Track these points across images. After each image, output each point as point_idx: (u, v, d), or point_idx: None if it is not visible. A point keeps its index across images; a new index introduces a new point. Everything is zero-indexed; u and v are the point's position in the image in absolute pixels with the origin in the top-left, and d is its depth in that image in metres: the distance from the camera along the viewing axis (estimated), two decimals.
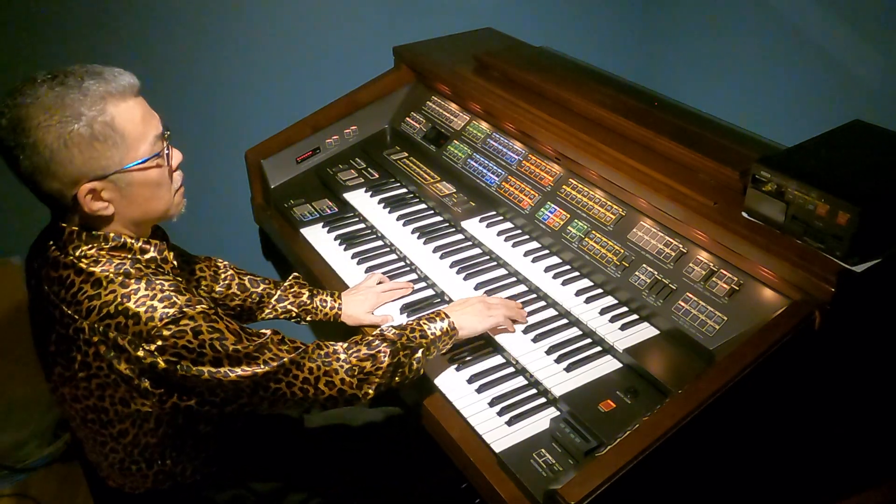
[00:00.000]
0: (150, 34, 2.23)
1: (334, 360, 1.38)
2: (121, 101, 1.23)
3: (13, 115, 1.17)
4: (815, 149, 1.57)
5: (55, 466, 2.37)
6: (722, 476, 1.50)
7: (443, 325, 1.53)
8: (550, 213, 1.88)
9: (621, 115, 1.92)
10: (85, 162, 1.20)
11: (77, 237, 1.27)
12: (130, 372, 1.23)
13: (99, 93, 1.21)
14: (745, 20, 2.64)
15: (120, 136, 1.22)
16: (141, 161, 1.26)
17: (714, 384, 1.30)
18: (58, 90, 1.18)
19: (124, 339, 1.21)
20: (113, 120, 1.21)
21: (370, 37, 2.53)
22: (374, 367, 1.41)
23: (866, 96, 2.33)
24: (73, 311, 1.23)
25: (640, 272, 1.65)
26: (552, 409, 1.51)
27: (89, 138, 1.19)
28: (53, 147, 1.17)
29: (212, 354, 1.23)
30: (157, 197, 1.32)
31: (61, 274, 1.26)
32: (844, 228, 1.38)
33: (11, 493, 2.30)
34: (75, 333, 1.24)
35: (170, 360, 1.22)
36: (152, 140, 1.28)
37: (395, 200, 2.15)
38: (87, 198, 1.23)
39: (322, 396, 1.37)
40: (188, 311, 1.23)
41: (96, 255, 1.26)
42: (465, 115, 2.23)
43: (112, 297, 1.22)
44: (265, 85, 2.45)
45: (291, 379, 1.33)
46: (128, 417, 1.30)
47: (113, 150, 1.22)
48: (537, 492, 1.31)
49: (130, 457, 1.36)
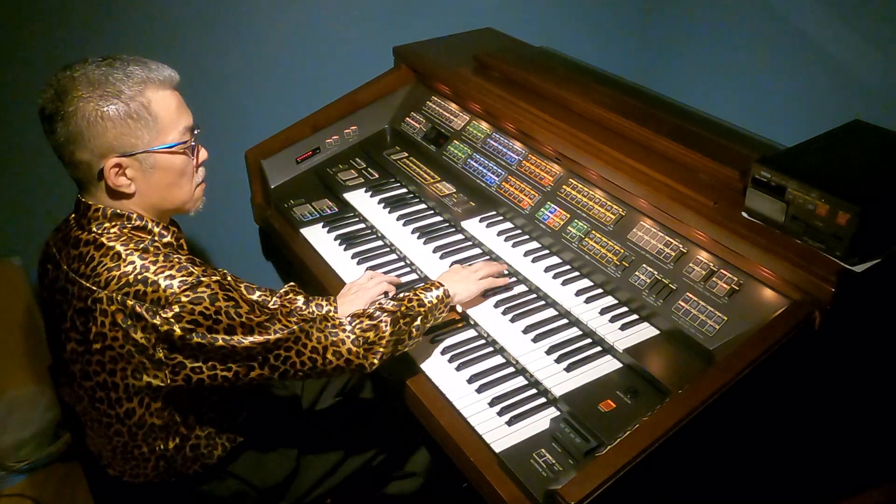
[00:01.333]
0: (151, 34, 2.23)
1: (340, 331, 1.44)
2: (159, 89, 1.32)
3: (59, 86, 1.27)
4: (815, 149, 1.57)
5: (55, 466, 2.37)
6: (722, 476, 1.50)
7: (437, 292, 1.60)
8: (550, 213, 1.88)
9: (621, 115, 1.92)
10: (116, 136, 1.28)
11: (102, 214, 1.33)
12: (146, 341, 1.26)
13: (140, 77, 1.30)
14: (745, 20, 2.64)
15: (153, 119, 1.30)
16: (168, 146, 1.33)
17: (714, 384, 1.30)
18: (104, 69, 1.28)
19: (142, 307, 1.25)
20: (149, 103, 1.30)
21: (370, 37, 2.53)
22: (378, 337, 1.47)
23: (866, 96, 2.33)
24: (92, 283, 1.28)
25: (640, 272, 1.65)
26: (552, 409, 1.51)
27: (124, 115, 1.27)
28: (90, 117, 1.25)
29: (226, 322, 1.28)
30: (178, 185, 1.38)
31: (81, 251, 1.32)
32: (844, 228, 1.38)
33: (11, 493, 2.30)
34: (93, 304, 1.28)
35: (186, 326, 1.26)
36: (182, 130, 1.36)
37: (395, 200, 2.15)
38: (113, 171, 1.29)
39: (330, 366, 1.42)
40: (205, 280, 1.28)
41: (118, 233, 1.32)
42: (465, 115, 2.23)
43: (131, 268, 1.27)
44: (265, 85, 2.45)
45: (300, 347, 1.38)
46: (136, 394, 1.33)
47: (144, 131, 1.30)
48: (537, 492, 1.31)
49: (134, 440, 1.38)
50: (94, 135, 1.27)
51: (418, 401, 1.58)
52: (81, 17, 2.14)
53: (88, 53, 1.37)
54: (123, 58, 1.32)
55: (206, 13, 2.28)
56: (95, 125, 1.26)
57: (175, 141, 1.34)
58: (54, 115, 1.26)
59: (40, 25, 2.10)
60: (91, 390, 1.35)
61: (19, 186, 2.27)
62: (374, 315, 1.49)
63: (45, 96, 1.28)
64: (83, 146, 1.28)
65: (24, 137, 2.21)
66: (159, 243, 1.34)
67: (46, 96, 1.28)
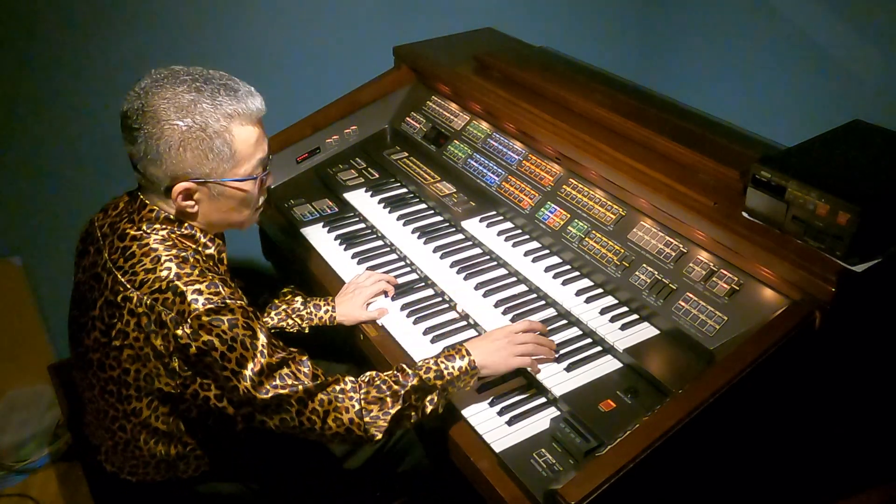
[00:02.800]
0: (151, 34, 2.24)
1: (347, 399, 1.36)
2: (245, 124, 1.34)
3: (148, 103, 1.28)
4: (815, 149, 1.57)
5: (55, 466, 2.37)
6: (722, 476, 1.50)
7: (462, 363, 1.44)
8: (550, 212, 1.88)
9: (621, 115, 1.92)
10: (192, 165, 1.31)
11: (155, 216, 1.36)
12: (164, 349, 1.27)
13: (228, 111, 1.31)
14: (745, 20, 2.64)
15: (231, 153, 1.33)
16: (239, 179, 1.37)
17: (714, 384, 1.30)
18: (194, 95, 1.29)
19: (167, 315, 1.26)
20: (232, 139, 1.32)
21: (370, 37, 2.53)
22: (381, 411, 1.37)
23: (866, 96, 2.33)
24: (127, 280, 1.30)
25: (640, 272, 1.65)
26: (552, 409, 1.51)
27: (206, 148, 1.30)
28: (172, 143, 1.28)
29: (240, 351, 1.27)
30: (239, 211, 1.42)
31: (126, 245, 1.34)
32: (844, 228, 1.38)
33: (11, 493, 2.30)
34: (123, 301, 1.29)
35: (201, 347, 1.26)
36: (256, 163, 1.38)
37: (396, 200, 2.15)
38: (180, 195, 1.33)
39: (329, 431, 1.35)
40: (230, 304, 1.28)
41: (165, 237, 1.35)
42: (465, 115, 2.23)
43: (166, 273, 1.29)
44: (265, 85, 2.43)
45: (301, 407, 1.32)
46: (147, 396, 1.34)
47: (220, 163, 1.33)
48: (537, 492, 1.31)
49: (136, 440, 1.39)
50: (172, 160, 1.29)
51: None
52: (82, 16, 2.14)
53: (88, 55, 1.37)
54: (213, 78, 1.33)
55: (206, 13, 2.28)
56: (176, 152, 1.29)
57: (246, 175, 1.37)
58: (138, 130, 1.28)
59: (40, 25, 2.10)
60: (105, 382, 1.37)
61: (19, 186, 2.27)
62: (382, 388, 1.38)
63: (132, 105, 1.29)
64: (159, 166, 1.30)
65: (24, 138, 2.22)
66: (201, 255, 1.36)
67: (133, 106, 1.29)
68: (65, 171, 2.32)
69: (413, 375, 1.40)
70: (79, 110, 2.25)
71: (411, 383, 1.39)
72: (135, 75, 1.34)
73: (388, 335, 1.72)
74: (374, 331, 1.75)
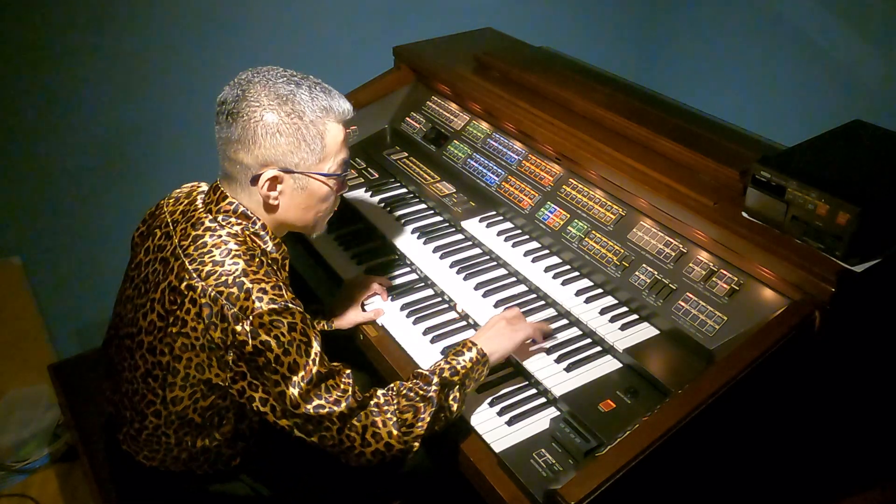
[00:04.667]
0: (152, 34, 2.24)
1: (382, 413, 1.37)
2: (337, 121, 1.38)
3: (247, 88, 1.33)
4: (815, 149, 1.57)
5: (55, 466, 2.37)
6: (722, 476, 1.50)
7: (471, 354, 1.46)
8: (550, 213, 1.88)
9: (621, 115, 1.92)
10: (285, 152, 1.34)
11: (234, 210, 1.38)
12: (221, 342, 1.28)
13: (323, 105, 1.36)
14: (746, 21, 2.64)
15: (321, 146, 1.36)
16: (325, 174, 1.39)
17: (714, 384, 1.30)
18: (291, 87, 1.34)
19: (229, 310, 1.26)
20: (325, 131, 1.36)
21: (370, 37, 2.53)
22: (416, 418, 1.38)
23: (866, 96, 2.34)
24: (194, 269, 1.30)
25: (640, 272, 1.66)
26: (552, 409, 1.51)
27: (300, 136, 1.34)
28: (269, 127, 1.31)
29: (294, 356, 1.28)
30: (317, 210, 1.44)
31: (199, 233, 1.35)
32: (844, 228, 1.38)
33: (11, 493, 2.30)
34: (187, 290, 1.30)
35: (258, 346, 1.26)
36: (340, 162, 1.42)
37: (395, 200, 2.15)
38: (267, 183, 1.35)
39: (369, 449, 1.35)
40: (291, 307, 1.29)
41: (239, 232, 1.36)
42: (465, 115, 2.23)
43: (234, 268, 1.29)
44: None
45: (342, 426, 1.32)
46: (192, 387, 1.34)
47: (310, 154, 1.36)
48: (537, 492, 1.31)
49: (169, 426, 1.39)
50: (266, 144, 1.32)
51: None
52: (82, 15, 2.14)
53: (88, 55, 1.38)
54: (309, 77, 1.39)
55: (206, 14, 2.28)
56: (272, 136, 1.32)
57: (332, 171, 1.40)
58: (235, 114, 1.32)
59: (39, 24, 2.10)
60: (152, 365, 1.37)
61: (19, 186, 2.27)
62: (410, 395, 1.39)
63: (230, 93, 1.34)
64: (250, 150, 1.33)
65: (24, 138, 2.22)
66: (267, 256, 1.38)
67: (231, 94, 1.33)
68: (65, 172, 2.32)
69: (433, 376, 1.41)
70: (79, 110, 2.25)
71: (435, 383, 1.40)
72: (135, 75, 1.35)
73: (388, 335, 1.72)
74: (375, 331, 1.75)
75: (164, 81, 2.33)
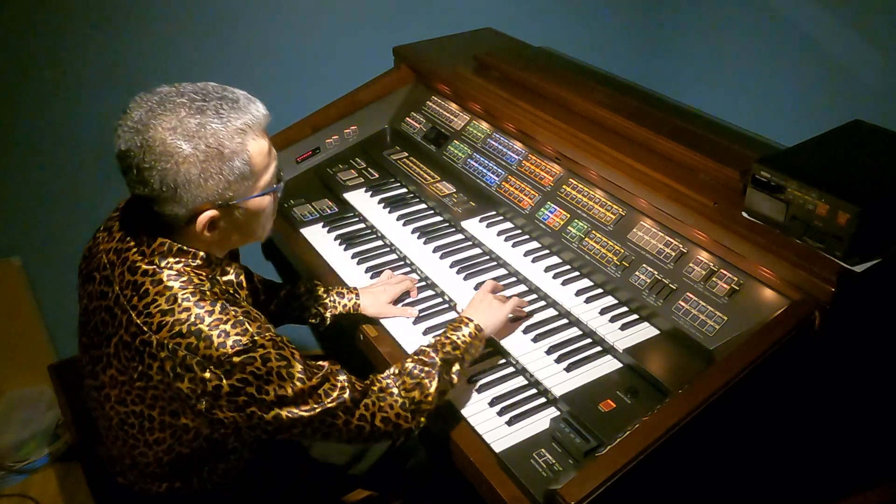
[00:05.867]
0: (152, 34, 2.23)
1: (388, 396, 1.36)
2: (257, 136, 1.24)
3: (152, 136, 1.16)
4: (815, 149, 1.57)
5: (55, 466, 2.37)
6: (722, 476, 1.50)
7: (469, 329, 1.50)
8: (550, 213, 1.88)
9: (621, 115, 1.92)
10: (215, 192, 1.21)
11: (168, 250, 1.25)
12: (191, 392, 1.20)
13: (238, 126, 1.21)
14: (745, 20, 2.64)
15: (251, 170, 1.24)
16: (261, 193, 1.28)
17: (714, 384, 1.30)
18: (199, 118, 1.18)
19: (192, 360, 1.18)
20: (250, 157, 1.23)
21: (370, 37, 2.53)
22: (424, 395, 1.39)
23: (866, 96, 2.33)
24: (143, 323, 1.21)
25: (640, 272, 1.65)
26: (552, 409, 1.51)
27: (227, 172, 1.20)
28: (191, 176, 1.17)
29: (277, 382, 1.22)
30: (262, 227, 1.34)
31: (137, 280, 1.24)
32: (844, 228, 1.38)
33: (11, 493, 2.30)
34: (142, 345, 1.22)
35: (235, 384, 1.19)
36: (273, 173, 1.30)
37: (395, 200, 2.15)
38: (205, 227, 1.23)
39: (378, 432, 1.35)
40: (258, 340, 1.21)
41: (181, 271, 1.25)
42: (465, 115, 2.23)
43: (186, 315, 1.20)
44: (265, 85, 2.44)
45: (349, 416, 1.31)
46: (170, 428, 1.29)
47: (242, 183, 1.23)
48: (537, 492, 1.31)
49: (158, 463, 1.35)
50: (193, 193, 1.19)
51: None
52: (82, 15, 2.14)
53: (87, 54, 1.33)
54: (210, 94, 1.22)
55: (206, 13, 2.28)
56: (196, 185, 1.18)
57: (266, 187, 1.29)
58: (147, 168, 1.16)
59: (39, 24, 2.10)
60: (125, 415, 1.31)
61: (19, 186, 2.27)
62: (413, 372, 1.40)
63: (130, 142, 1.17)
64: (177, 202, 1.19)
65: (24, 138, 2.22)
66: (220, 283, 1.29)
67: (134, 144, 1.17)
68: (65, 172, 2.32)
69: (435, 352, 1.43)
70: (79, 110, 2.25)
71: (439, 359, 1.42)
72: (136, 75, 1.33)
73: (388, 335, 1.72)
74: (375, 331, 1.75)
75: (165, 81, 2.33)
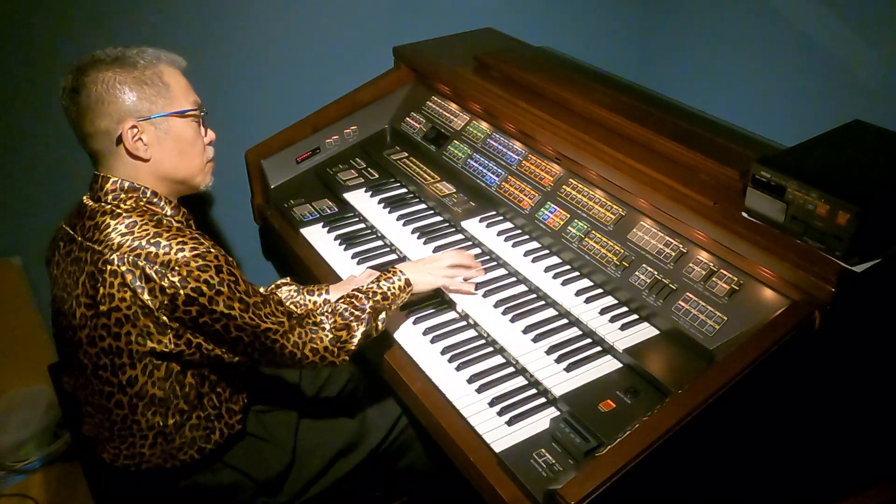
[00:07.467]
0: (150, 33, 2.23)
1: (320, 330, 1.49)
2: (171, 66, 1.45)
3: (79, 64, 1.40)
4: (815, 149, 1.57)
5: (55, 466, 2.37)
6: (722, 476, 1.50)
7: (399, 281, 1.63)
8: (550, 213, 1.88)
9: (621, 115, 1.92)
10: (134, 102, 1.38)
11: (119, 187, 1.41)
12: (152, 303, 1.31)
13: (154, 54, 1.44)
14: (745, 20, 2.64)
15: (165, 87, 1.42)
16: (180, 111, 1.44)
17: (714, 384, 1.30)
18: (120, 49, 1.42)
19: (152, 269, 1.31)
20: (162, 74, 1.42)
21: (370, 37, 2.53)
22: (350, 336, 1.51)
23: (866, 96, 2.33)
24: (104, 247, 1.34)
25: (640, 272, 1.65)
26: (552, 409, 1.51)
27: (139, 81, 1.39)
28: (108, 84, 1.37)
29: (227, 293, 1.34)
30: (190, 154, 1.47)
31: (97, 221, 1.38)
32: (844, 228, 1.38)
33: (11, 493, 2.30)
34: (103, 265, 1.33)
35: (191, 293, 1.31)
36: (192, 101, 1.47)
37: (395, 200, 2.15)
38: (130, 133, 1.38)
39: (306, 361, 1.48)
40: (213, 251, 1.36)
41: (134, 205, 1.41)
42: (465, 115, 2.23)
43: (144, 233, 1.34)
44: (265, 85, 2.45)
45: (284, 341, 1.44)
46: (140, 360, 1.37)
47: (158, 98, 1.41)
48: (537, 492, 1.31)
49: (134, 412, 1.41)
50: (113, 99, 1.37)
51: (419, 402, 1.58)
52: (82, 15, 2.14)
53: (87, 52, 1.41)
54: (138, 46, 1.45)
55: (206, 13, 2.28)
56: (113, 90, 1.37)
57: (187, 108, 1.44)
58: (77, 88, 1.37)
59: (39, 24, 2.10)
60: (96, 357, 1.38)
61: (19, 186, 2.27)
62: (345, 315, 1.53)
63: (67, 77, 1.39)
64: (102, 112, 1.37)
65: (23, 137, 2.22)
66: (172, 219, 1.43)
67: (69, 76, 1.38)
68: (65, 171, 2.31)
69: (366, 299, 1.56)
70: None
71: (369, 306, 1.55)
72: None
73: (388, 335, 1.72)
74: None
75: None
